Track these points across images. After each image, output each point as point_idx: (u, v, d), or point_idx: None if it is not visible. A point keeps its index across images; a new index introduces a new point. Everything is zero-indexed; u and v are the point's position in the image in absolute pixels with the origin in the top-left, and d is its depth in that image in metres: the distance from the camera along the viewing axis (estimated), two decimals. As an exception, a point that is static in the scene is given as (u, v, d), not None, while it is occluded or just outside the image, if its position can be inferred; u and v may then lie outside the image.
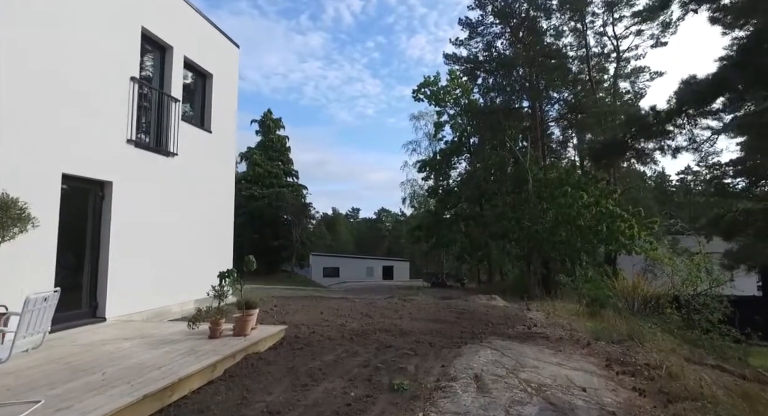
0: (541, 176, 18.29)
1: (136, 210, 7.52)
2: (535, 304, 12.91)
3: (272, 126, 29.92)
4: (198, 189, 9.47)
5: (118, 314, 6.95)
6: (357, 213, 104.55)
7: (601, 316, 9.43)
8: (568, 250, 16.00)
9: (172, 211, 8.54)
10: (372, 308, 9.40)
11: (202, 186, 9.68)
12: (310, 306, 10.08)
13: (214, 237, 10.12)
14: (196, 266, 9.12)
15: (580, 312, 9.79)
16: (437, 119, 33.98)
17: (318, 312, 8.95)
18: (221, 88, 10.80)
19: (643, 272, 15.15)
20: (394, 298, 12.79)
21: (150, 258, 7.74)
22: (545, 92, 25.00)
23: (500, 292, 24.02)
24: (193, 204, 9.24)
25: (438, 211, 31.62)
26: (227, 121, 11.18)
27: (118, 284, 6.95)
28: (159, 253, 7.99)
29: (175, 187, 8.66)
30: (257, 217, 25.77)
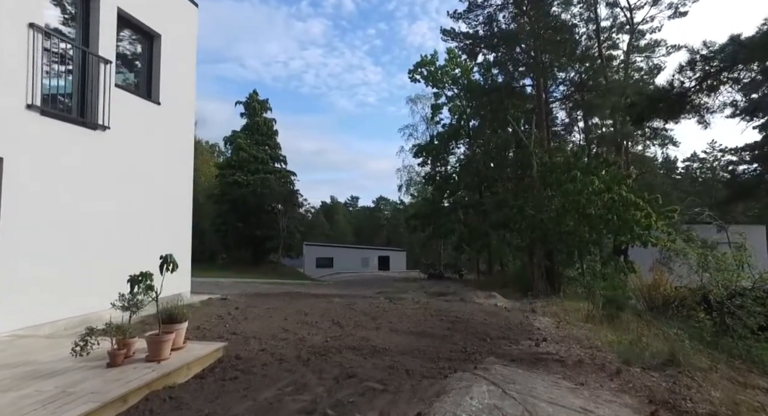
0: (546, 160, 16.82)
1: (47, 194, 6.08)
2: (540, 304, 11.60)
3: (258, 108, 28.24)
4: (140, 171, 8.03)
5: (13, 327, 5.55)
6: (356, 202, 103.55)
7: (620, 322, 8.08)
8: (575, 241, 14.62)
9: (103, 198, 7.11)
10: (349, 312, 8.04)
11: (146, 167, 8.23)
12: (278, 308, 8.74)
13: (164, 229, 8.69)
14: (136, 263, 7.71)
15: (595, 317, 8.44)
16: (435, 101, 32.32)
17: (283, 317, 7.59)
18: (174, 53, 9.26)
19: (657, 266, 13.81)
20: (380, 297, 11.45)
21: (64, 254, 6.32)
22: (550, 70, 23.35)
23: (500, 286, 22.83)
24: (133, 189, 7.80)
25: (435, 199, 30.18)
26: (182, 92, 9.67)
27: (9, 289, 5.53)
28: (79, 249, 6.57)
29: (107, 168, 7.21)
30: (241, 205, 24.32)
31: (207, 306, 8.82)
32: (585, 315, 8.97)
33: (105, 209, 7.12)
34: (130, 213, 7.70)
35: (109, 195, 7.24)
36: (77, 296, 6.48)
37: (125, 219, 7.57)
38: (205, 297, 10.10)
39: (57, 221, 6.25)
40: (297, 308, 8.78)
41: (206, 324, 6.87)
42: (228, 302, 9.72)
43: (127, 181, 7.65)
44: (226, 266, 24.92)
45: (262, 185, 24.39)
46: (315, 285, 20.06)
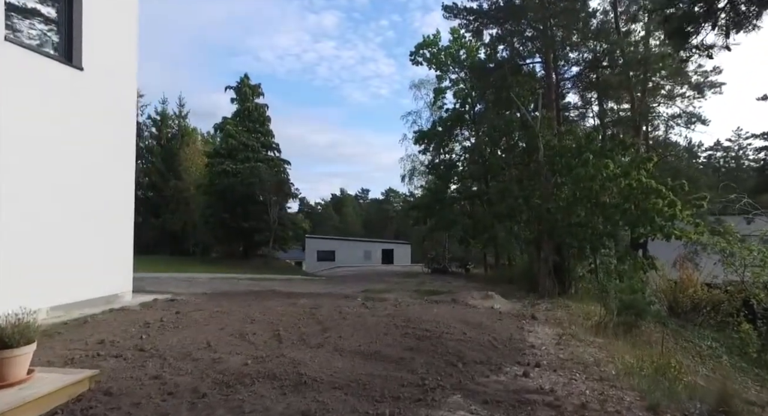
0: (555, 143, 15.18)
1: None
2: (544, 307, 10.13)
3: (249, 93, 26.86)
4: (55, 153, 6.71)
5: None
6: (366, 195, 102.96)
7: (640, 332, 6.60)
8: (586, 234, 13.03)
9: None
10: (303, 320, 6.69)
11: (63, 148, 6.90)
12: (226, 313, 7.43)
13: (90, 224, 7.40)
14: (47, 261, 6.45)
15: (608, 326, 6.95)
16: (438, 85, 30.58)
17: (221, 326, 6.27)
18: (106, 9, 7.88)
19: (681, 262, 12.21)
20: (358, 299, 10.07)
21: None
22: (561, 48, 21.53)
23: (506, 282, 21.33)
24: (40, 174, 6.49)
25: (438, 189, 28.61)
26: (119, 57, 8.30)
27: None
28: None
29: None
30: (228, 196, 23.08)
31: (142, 311, 7.53)
32: (596, 322, 7.48)
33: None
34: (40, 207, 6.40)
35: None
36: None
37: (35, 213, 6.27)
38: (150, 297, 8.82)
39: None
40: (248, 313, 7.45)
41: (118, 337, 5.58)
42: (174, 304, 8.43)
43: (35, 168, 6.34)
44: (217, 261, 23.82)
45: (251, 174, 23.10)
46: (303, 282, 18.78)
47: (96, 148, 7.60)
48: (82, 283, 7.33)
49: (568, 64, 24.24)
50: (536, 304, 10.74)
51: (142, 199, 30.88)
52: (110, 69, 7.95)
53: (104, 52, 7.79)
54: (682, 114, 18.85)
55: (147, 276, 15.76)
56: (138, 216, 32.12)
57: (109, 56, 7.93)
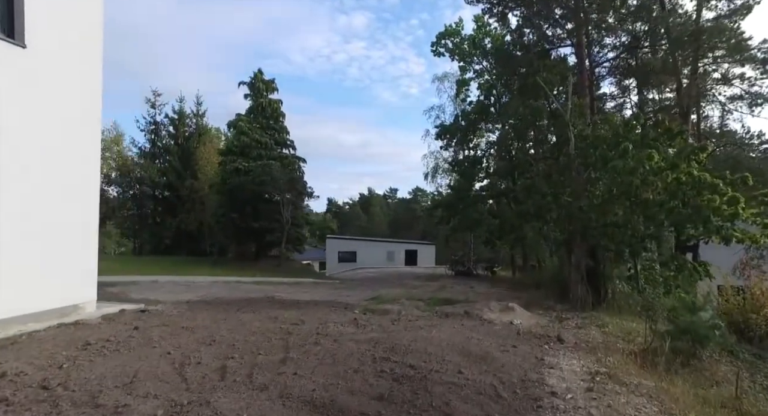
0: (588, 133, 13.49)
1: None
2: (574, 322, 8.64)
3: (263, 88, 26.09)
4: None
5: None
6: (395, 194, 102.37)
7: (703, 366, 5.11)
8: (625, 236, 11.34)
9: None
10: (270, 343, 5.56)
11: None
12: (191, 331, 6.42)
13: (37, 225, 6.49)
14: None
15: (657, 353, 5.47)
16: (461, 76, 29.01)
17: (168, 350, 5.21)
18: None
19: (745, 269, 10.38)
20: (356, 311, 8.87)
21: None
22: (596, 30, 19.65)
23: (534, 287, 19.65)
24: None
25: (462, 187, 27.06)
26: (77, 34, 7.38)
27: None
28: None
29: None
30: (238, 194, 22.35)
31: (96, 326, 6.57)
32: (640, 349, 5.98)
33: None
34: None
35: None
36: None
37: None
38: (117, 308, 7.89)
39: None
40: (215, 330, 6.38)
41: (33, 366, 4.60)
42: (141, 317, 7.47)
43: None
44: (229, 262, 23.16)
45: (262, 172, 22.28)
46: (312, 286, 17.74)
47: (47, 135, 6.70)
48: (29, 293, 6.44)
49: (603, 49, 22.29)
50: (565, 319, 9.25)
51: (159, 199, 30.80)
52: (64, 48, 7.03)
53: (58, 27, 6.87)
54: (745, 95, 16.32)
55: (144, 280, 15.15)
56: (156, 216, 32.32)
57: (63, 34, 7.01)
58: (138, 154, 30.47)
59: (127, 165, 29.09)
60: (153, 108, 30.96)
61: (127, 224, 30.35)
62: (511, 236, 23.76)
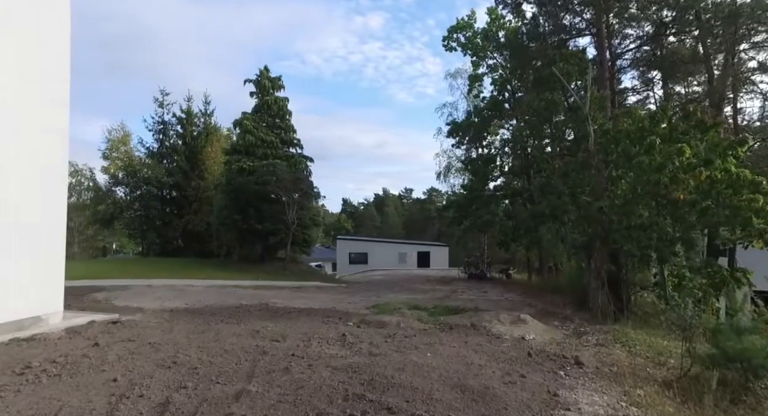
0: (609, 127, 12.47)
1: None
2: (594, 338, 7.71)
3: (268, 86, 25.52)
4: None
5: None
6: (410, 194, 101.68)
7: (757, 402, 4.16)
8: (651, 239, 10.31)
9: None
10: (234, 367, 4.81)
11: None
12: (156, 348, 5.75)
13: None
14: None
15: (699, 381, 4.54)
16: (473, 71, 27.97)
17: (114, 377, 4.50)
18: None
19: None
20: (350, 323, 8.08)
21: None
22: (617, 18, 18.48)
23: (551, 292, 18.65)
24: None
25: (474, 186, 26.03)
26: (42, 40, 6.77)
27: None
28: None
29: None
30: (240, 195, 21.77)
31: (52, 342, 5.93)
32: (676, 376, 5.06)
33: None
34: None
35: None
36: None
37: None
38: (86, 319, 7.24)
39: None
40: (182, 348, 5.66)
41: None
42: (110, 329, 6.80)
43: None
44: (233, 264, 22.62)
45: (266, 172, 21.66)
46: (314, 291, 17.02)
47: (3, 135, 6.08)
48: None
49: (624, 40, 21.06)
50: (584, 333, 8.30)
51: (166, 199, 30.52)
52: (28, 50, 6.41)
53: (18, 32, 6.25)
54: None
55: (139, 284, 14.61)
56: (163, 217, 32.06)
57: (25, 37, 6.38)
58: (146, 154, 30.27)
59: (134, 165, 28.85)
60: (161, 107, 30.73)
61: (135, 225, 30.14)
62: (526, 238, 22.73)
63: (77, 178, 28.71)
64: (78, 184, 28.91)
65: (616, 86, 20.39)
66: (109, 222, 29.62)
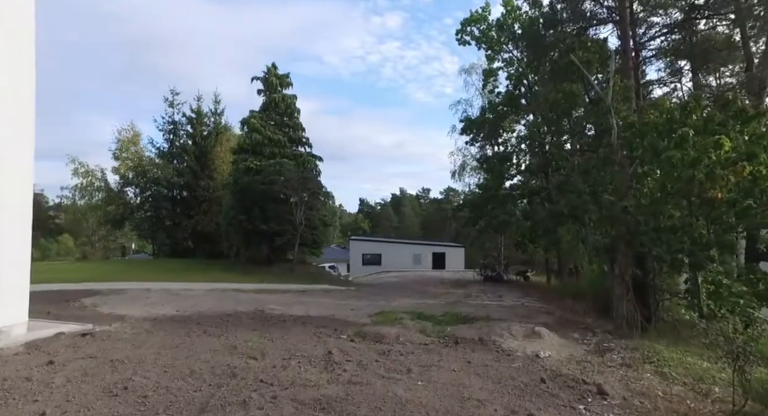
0: (635, 120, 11.42)
1: None
2: (619, 356, 6.81)
3: (276, 83, 24.99)
4: None
5: None
6: (427, 194, 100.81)
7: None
8: (683, 243, 9.26)
9: None
10: (189, 396, 4.08)
11: None
12: (116, 366, 5.16)
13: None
14: None
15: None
16: (488, 65, 26.94)
17: (41, 411, 3.82)
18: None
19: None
20: (344, 336, 7.32)
21: None
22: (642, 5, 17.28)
23: (571, 297, 17.56)
24: None
25: (489, 185, 25.02)
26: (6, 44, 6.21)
27: None
28: None
29: None
30: (246, 195, 21.24)
31: (5, 360, 5.33)
32: (727, 413, 4.15)
33: None
34: None
35: None
36: None
37: None
38: (54, 330, 6.65)
39: None
40: (146, 368, 5.04)
41: None
42: (76, 342, 6.22)
43: None
44: (240, 266, 22.12)
45: (272, 171, 21.09)
46: (319, 295, 16.33)
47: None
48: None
49: (650, 29, 19.77)
50: (607, 349, 7.35)
51: (175, 200, 30.32)
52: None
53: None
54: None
55: (135, 288, 14.17)
56: (173, 217, 31.90)
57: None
58: (156, 154, 30.15)
59: (143, 165, 28.71)
60: (171, 107, 30.55)
61: (145, 225, 30.02)
62: (544, 239, 21.65)
63: (88, 178, 28.75)
64: (89, 185, 28.97)
65: (641, 78, 19.16)
66: (119, 223, 29.60)
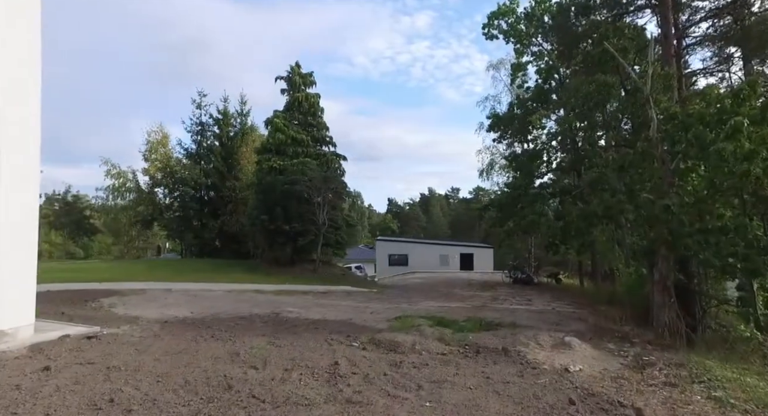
0: (677, 110, 10.50)
1: None
2: (662, 373, 6.10)
3: (299, 82, 24.92)
4: None
5: None
6: (457, 193, 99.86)
7: None
8: (735, 246, 8.36)
9: None
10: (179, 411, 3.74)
11: None
12: (107, 375, 4.91)
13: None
14: None
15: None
16: (516, 60, 25.99)
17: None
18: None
19: None
20: (355, 344, 6.89)
21: None
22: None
23: (605, 302, 16.70)
24: None
25: (517, 184, 24.11)
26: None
27: None
28: None
29: None
30: (268, 195, 21.20)
31: (2, 365, 5.18)
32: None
33: None
34: None
35: None
36: None
37: None
38: (59, 333, 6.52)
39: None
40: (140, 377, 4.77)
41: None
42: (85, 345, 6.07)
43: None
44: (264, 267, 22.12)
45: (295, 171, 20.98)
46: (339, 297, 16.00)
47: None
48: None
49: (694, 15, 18.45)
50: (648, 364, 6.61)
51: (204, 200, 30.82)
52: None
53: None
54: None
55: (156, 288, 14.22)
56: (201, 217, 32.45)
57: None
58: (184, 155, 30.78)
59: (171, 166, 29.32)
60: (198, 109, 31.10)
61: (173, 225, 30.67)
62: (576, 240, 20.58)
63: (120, 180, 29.63)
64: (121, 186, 29.85)
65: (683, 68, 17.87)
66: (149, 223, 30.36)
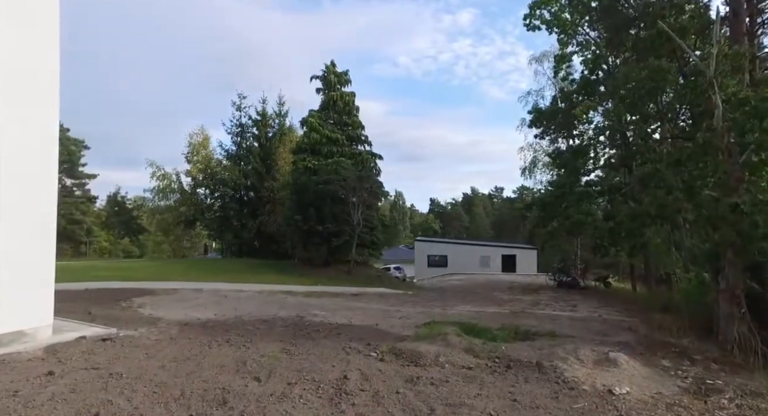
0: (748, 95, 9.25)
1: None
2: (733, 405, 5.20)
3: (334, 81, 24.79)
4: None
5: None
6: (500, 193, 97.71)
7: None
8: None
9: None
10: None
11: None
12: (109, 384, 4.70)
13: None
14: None
15: None
16: (560, 50, 24.57)
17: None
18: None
19: None
20: (373, 354, 6.41)
21: None
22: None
23: (660, 310, 15.27)
24: None
25: (562, 182, 22.77)
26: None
27: None
28: None
29: None
30: (303, 195, 21.13)
31: (11, 368, 5.12)
32: None
33: None
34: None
35: None
36: None
37: None
38: (76, 335, 6.48)
39: None
40: (137, 386, 4.55)
41: None
42: (98, 348, 5.99)
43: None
44: (298, 268, 22.09)
45: (330, 171, 20.83)
46: (374, 299, 15.55)
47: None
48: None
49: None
50: (713, 389, 5.68)
51: (243, 201, 31.45)
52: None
53: None
54: None
55: (187, 288, 14.39)
56: (241, 218, 33.16)
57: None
58: (224, 156, 31.57)
59: (212, 167, 30.14)
60: (238, 111, 31.79)
61: (214, 225, 31.52)
62: (627, 242, 19.06)
63: (165, 181, 30.83)
64: (166, 187, 31.05)
65: (756, 50, 16.02)
66: (191, 223, 31.37)
